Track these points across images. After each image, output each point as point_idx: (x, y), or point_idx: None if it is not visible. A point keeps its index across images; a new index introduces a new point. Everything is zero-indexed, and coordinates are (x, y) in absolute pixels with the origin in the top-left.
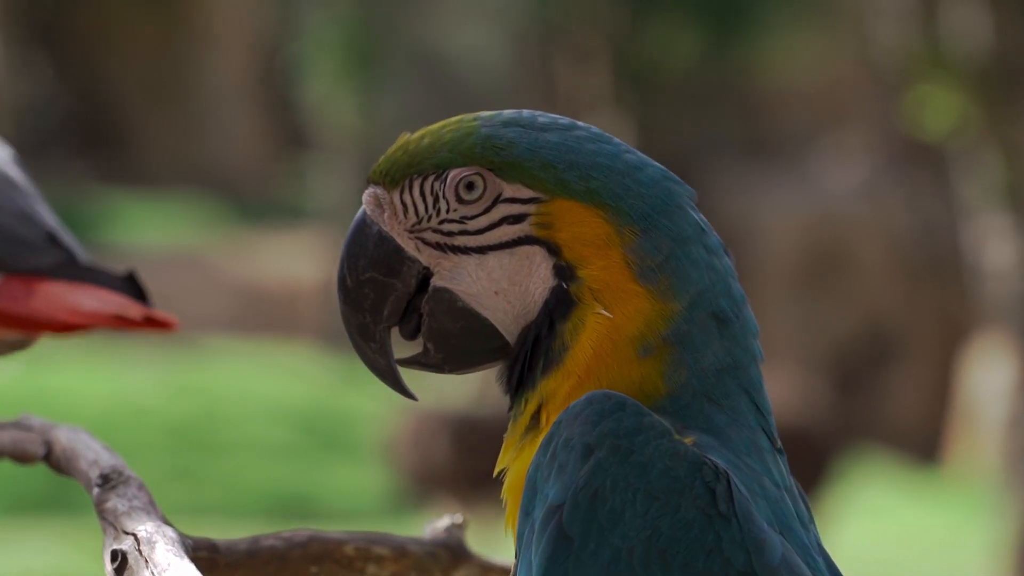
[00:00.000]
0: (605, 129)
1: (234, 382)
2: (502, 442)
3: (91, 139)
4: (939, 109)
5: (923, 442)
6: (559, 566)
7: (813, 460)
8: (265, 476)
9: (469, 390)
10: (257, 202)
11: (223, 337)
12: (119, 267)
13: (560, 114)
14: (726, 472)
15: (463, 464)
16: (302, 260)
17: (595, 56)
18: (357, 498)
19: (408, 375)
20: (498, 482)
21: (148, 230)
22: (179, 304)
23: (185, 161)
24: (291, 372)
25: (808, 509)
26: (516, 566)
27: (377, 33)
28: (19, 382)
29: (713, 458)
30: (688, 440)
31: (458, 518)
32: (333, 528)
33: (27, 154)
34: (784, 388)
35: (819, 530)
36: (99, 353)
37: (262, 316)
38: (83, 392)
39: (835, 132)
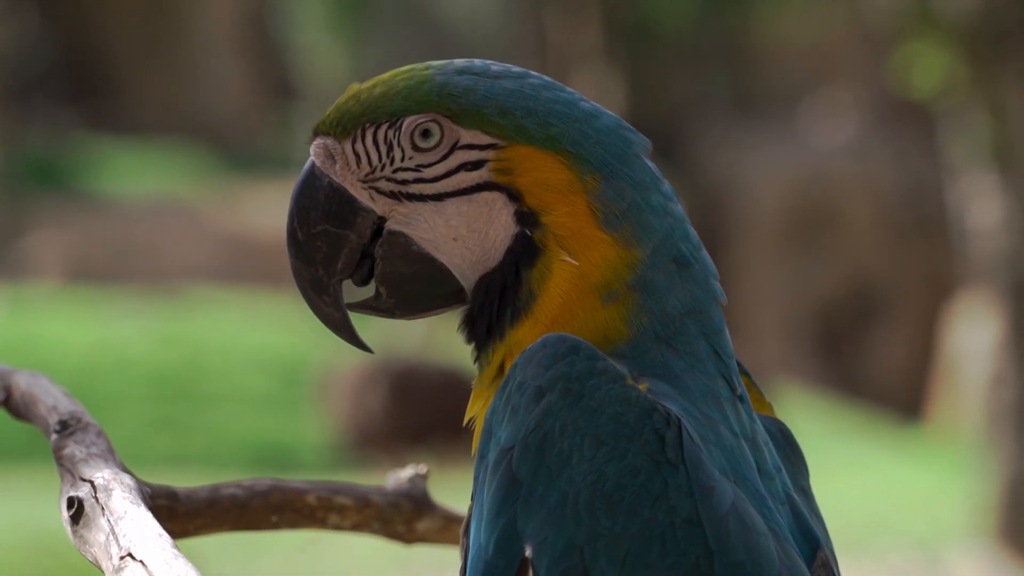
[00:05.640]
0: (596, 84)
1: (219, 332)
2: (438, 396)
3: (78, 87)
4: (927, 68)
5: (906, 399)
6: (508, 509)
7: (796, 413)
8: (249, 427)
9: (413, 341)
10: (245, 152)
11: (209, 287)
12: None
13: (551, 70)
14: (678, 419)
15: (400, 416)
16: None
17: (586, 11)
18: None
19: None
20: (433, 433)
21: (135, 179)
22: (165, 253)
23: (173, 110)
24: (276, 323)
25: (792, 454)
26: (471, 508)
27: None
28: (2, 329)
29: (666, 405)
30: (642, 386)
31: (422, 468)
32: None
33: (13, 101)
34: (768, 344)
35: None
36: (84, 302)
37: (248, 267)
38: (67, 340)
39: (824, 90)
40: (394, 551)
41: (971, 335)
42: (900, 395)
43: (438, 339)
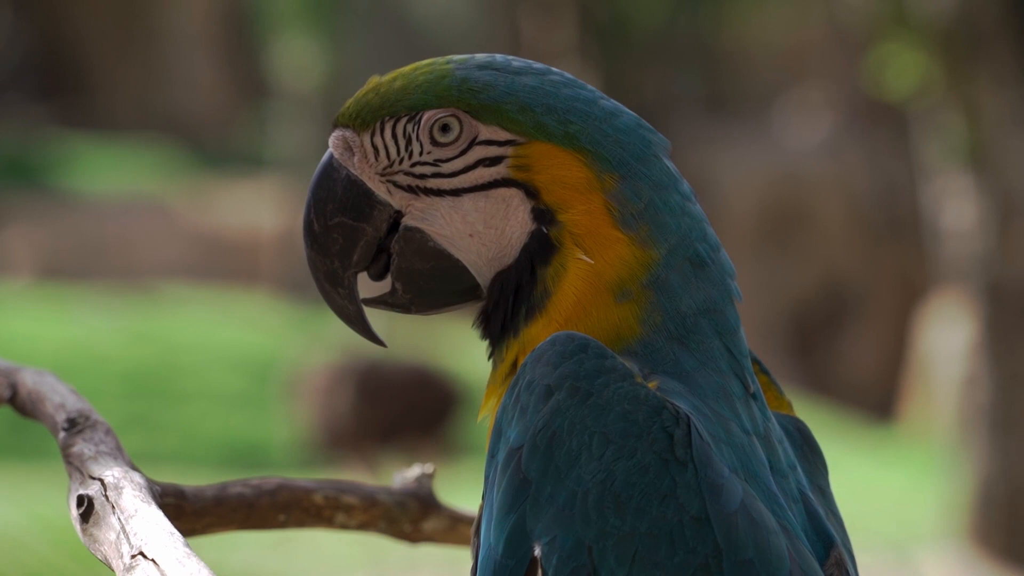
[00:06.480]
0: None
1: (192, 330)
2: (406, 394)
3: (51, 83)
4: (901, 68)
5: (879, 400)
6: (517, 508)
7: None
8: (222, 425)
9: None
10: (218, 150)
11: (182, 285)
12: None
13: None
14: (687, 417)
15: (367, 414)
16: (262, 209)
17: (560, 9)
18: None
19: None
20: (401, 431)
21: (108, 176)
22: (138, 251)
23: (146, 107)
24: (250, 321)
25: (810, 453)
26: (482, 508)
27: None
28: None
29: (676, 403)
30: (652, 384)
31: (428, 468)
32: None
33: None
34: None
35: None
36: (55, 299)
37: (221, 264)
38: (38, 337)
39: (798, 90)
40: (366, 550)
41: (943, 336)
42: (872, 396)
43: (401, 336)
